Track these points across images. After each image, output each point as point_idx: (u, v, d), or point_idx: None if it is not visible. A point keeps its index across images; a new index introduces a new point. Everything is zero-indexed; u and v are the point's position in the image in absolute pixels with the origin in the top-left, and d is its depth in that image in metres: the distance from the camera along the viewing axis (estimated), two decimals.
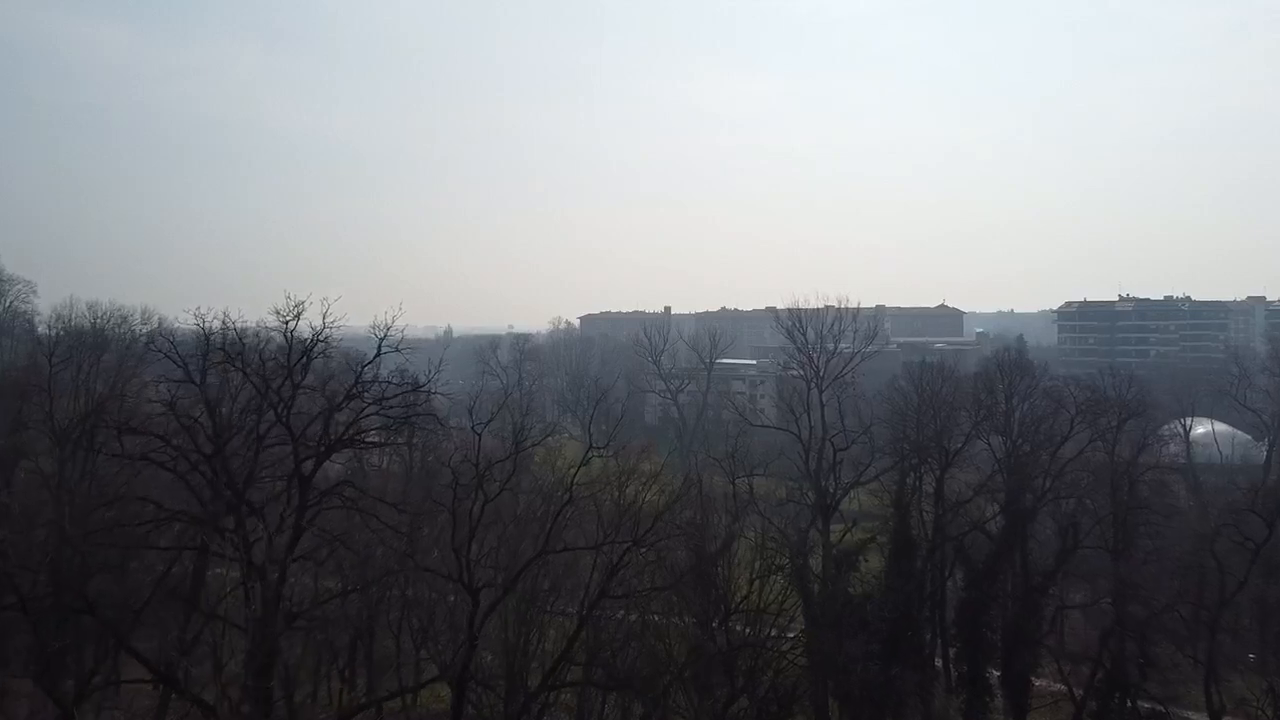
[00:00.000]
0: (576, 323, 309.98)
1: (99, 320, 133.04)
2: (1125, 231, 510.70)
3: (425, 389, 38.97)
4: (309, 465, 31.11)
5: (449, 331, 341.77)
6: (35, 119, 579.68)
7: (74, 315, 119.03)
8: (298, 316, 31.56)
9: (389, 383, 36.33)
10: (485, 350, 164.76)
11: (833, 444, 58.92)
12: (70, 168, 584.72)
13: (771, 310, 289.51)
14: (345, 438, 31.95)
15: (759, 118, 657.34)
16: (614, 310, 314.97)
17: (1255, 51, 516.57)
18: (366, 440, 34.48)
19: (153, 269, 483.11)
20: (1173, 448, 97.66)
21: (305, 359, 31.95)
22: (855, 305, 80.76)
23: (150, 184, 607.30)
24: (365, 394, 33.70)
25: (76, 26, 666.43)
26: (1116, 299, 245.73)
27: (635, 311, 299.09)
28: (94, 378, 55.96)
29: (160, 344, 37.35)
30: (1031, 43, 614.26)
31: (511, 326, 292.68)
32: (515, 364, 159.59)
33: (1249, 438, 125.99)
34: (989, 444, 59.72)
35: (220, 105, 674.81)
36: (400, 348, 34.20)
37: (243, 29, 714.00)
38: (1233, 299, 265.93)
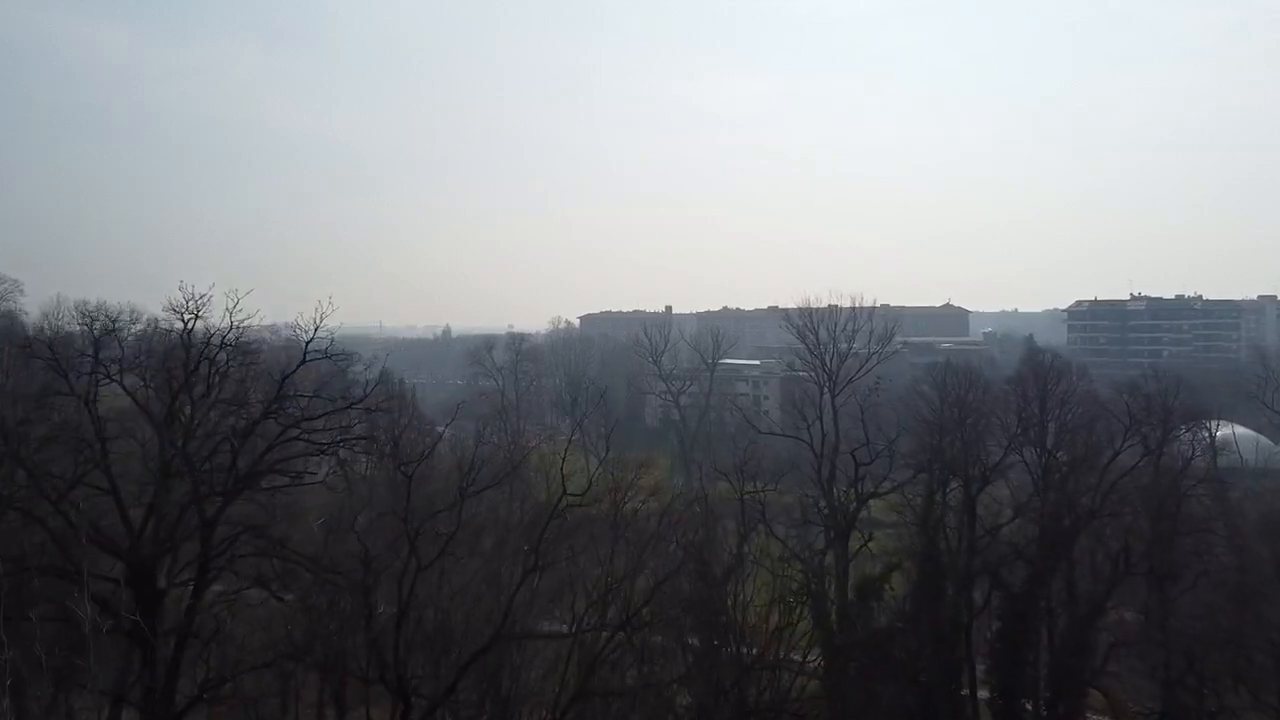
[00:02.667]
0: (576, 322, 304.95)
1: (85, 320, 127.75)
2: (1125, 231, 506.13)
3: (359, 404, 31.65)
4: (216, 504, 24.92)
5: (448, 331, 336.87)
6: (35, 119, 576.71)
7: (61, 314, 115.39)
8: (197, 315, 25.83)
9: (318, 395, 30.01)
10: (480, 350, 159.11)
11: (855, 458, 53.32)
12: (70, 168, 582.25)
13: (774, 310, 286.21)
14: (258, 469, 25.82)
15: (759, 118, 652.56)
16: (614, 310, 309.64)
17: (1255, 51, 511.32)
18: (286, 471, 27.63)
19: (153, 269, 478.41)
20: (1197, 454, 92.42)
21: (213, 367, 26.15)
22: (871, 304, 75.19)
23: (150, 184, 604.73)
24: (285, 411, 27.36)
25: (76, 26, 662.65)
26: (1128, 298, 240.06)
27: (636, 311, 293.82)
28: (28, 383, 49.99)
29: (39, 349, 31.01)
30: (1031, 43, 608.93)
31: (512, 326, 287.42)
32: (511, 365, 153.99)
33: (1271, 442, 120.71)
34: (1022, 456, 54.23)
35: (220, 105, 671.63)
36: (331, 352, 27.96)
37: (243, 29, 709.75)
38: (1242, 297, 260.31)
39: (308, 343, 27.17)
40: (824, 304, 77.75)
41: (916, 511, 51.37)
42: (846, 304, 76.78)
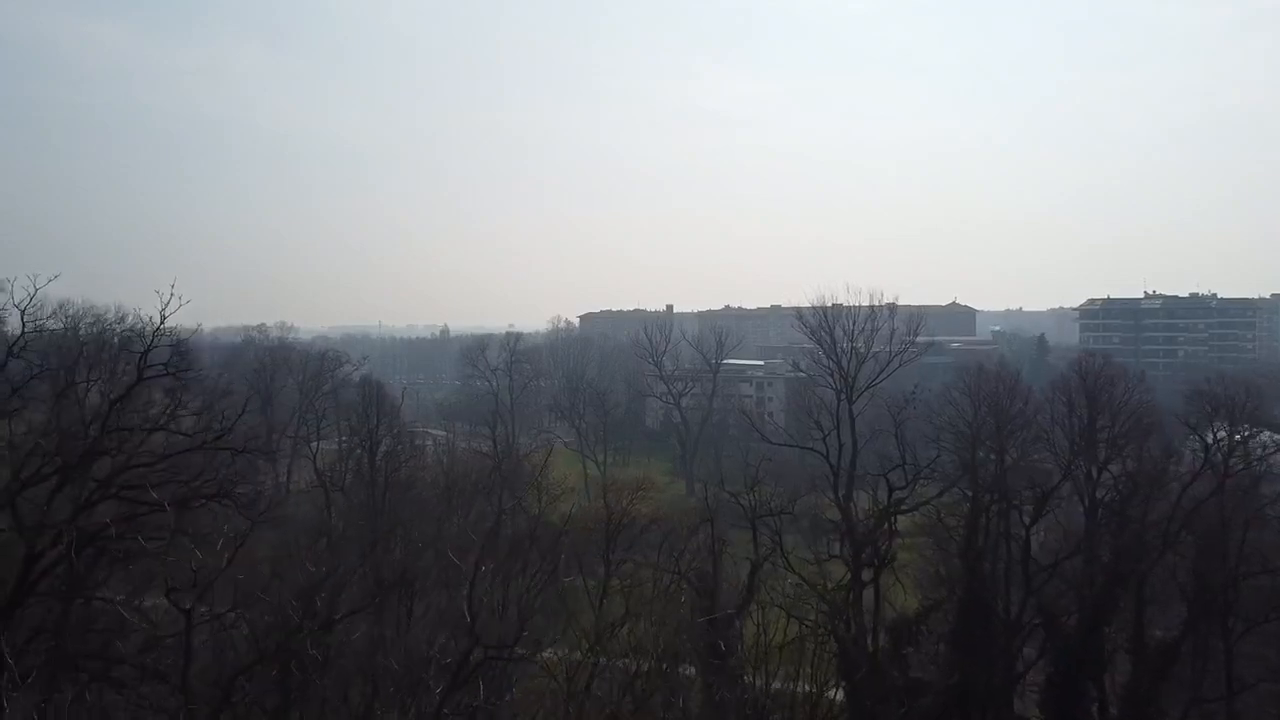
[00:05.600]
0: (576, 321, 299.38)
1: (70, 320, 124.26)
2: (1128, 230, 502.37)
3: (218, 441, 23.47)
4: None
5: (446, 330, 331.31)
6: (35, 119, 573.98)
7: (43, 314, 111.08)
8: None
9: (163, 428, 22.58)
10: (473, 351, 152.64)
11: (888, 481, 46.85)
12: (69, 167, 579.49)
13: (777, 308, 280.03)
14: (61, 544, 17.97)
15: (761, 117, 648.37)
16: (615, 309, 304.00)
17: (1266, 48, 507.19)
18: (110, 536, 19.17)
19: (152, 269, 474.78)
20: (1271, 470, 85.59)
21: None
22: (892, 301, 68.39)
23: (150, 184, 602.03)
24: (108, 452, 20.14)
25: (76, 26, 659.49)
26: (1142, 296, 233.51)
27: (637, 310, 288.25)
28: None
29: None
30: (1031, 43, 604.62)
31: (512, 325, 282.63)
32: (506, 366, 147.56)
33: None
34: (1069, 473, 47.61)
35: (220, 105, 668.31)
36: (173, 366, 20.90)
37: (243, 29, 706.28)
38: (1254, 295, 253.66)
39: (143, 354, 20.09)
40: (833, 302, 71.10)
41: (955, 538, 44.91)
42: (858, 301, 70.06)
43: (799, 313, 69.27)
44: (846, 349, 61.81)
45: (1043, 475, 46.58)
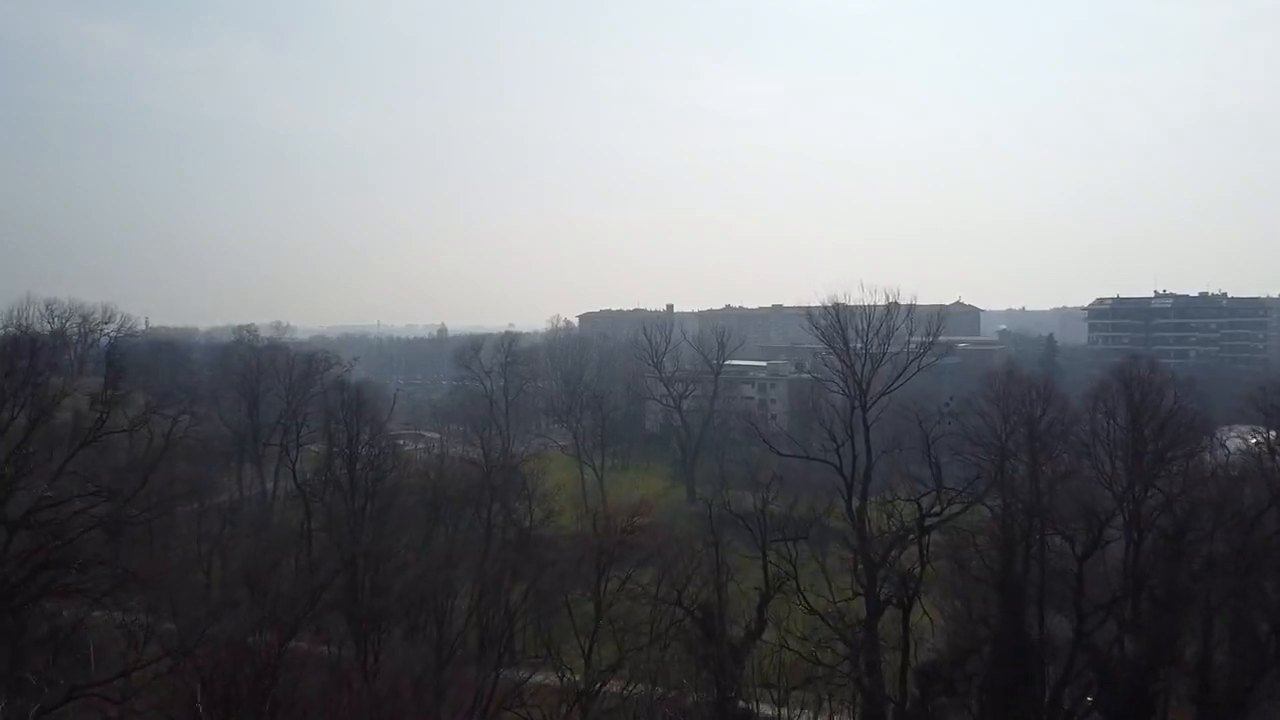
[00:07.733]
0: (576, 321, 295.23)
1: (56, 320, 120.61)
2: (1127, 230, 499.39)
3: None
4: None
5: (444, 330, 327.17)
6: (35, 119, 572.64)
7: (30, 313, 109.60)
8: None
9: None
10: (466, 352, 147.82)
11: (920, 506, 42.31)
12: (70, 168, 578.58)
13: (779, 308, 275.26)
14: None
15: (761, 117, 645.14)
16: (614, 308, 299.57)
17: (1266, 49, 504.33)
18: None
19: (152, 270, 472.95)
20: None
21: None
22: (911, 300, 63.40)
23: (150, 184, 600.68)
24: None
25: (76, 26, 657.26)
26: (1152, 295, 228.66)
27: (637, 309, 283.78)
28: None
29: None
30: (1031, 43, 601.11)
31: (512, 325, 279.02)
32: (501, 367, 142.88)
33: None
34: (1112, 490, 42.87)
35: (220, 105, 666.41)
36: None
37: (243, 29, 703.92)
38: (1262, 295, 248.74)
39: None
40: (840, 301, 65.99)
41: (986, 560, 40.33)
42: (872, 301, 64.98)
43: (808, 313, 64.66)
44: (860, 351, 57.21)
45: (1084, 492, 41.83)
